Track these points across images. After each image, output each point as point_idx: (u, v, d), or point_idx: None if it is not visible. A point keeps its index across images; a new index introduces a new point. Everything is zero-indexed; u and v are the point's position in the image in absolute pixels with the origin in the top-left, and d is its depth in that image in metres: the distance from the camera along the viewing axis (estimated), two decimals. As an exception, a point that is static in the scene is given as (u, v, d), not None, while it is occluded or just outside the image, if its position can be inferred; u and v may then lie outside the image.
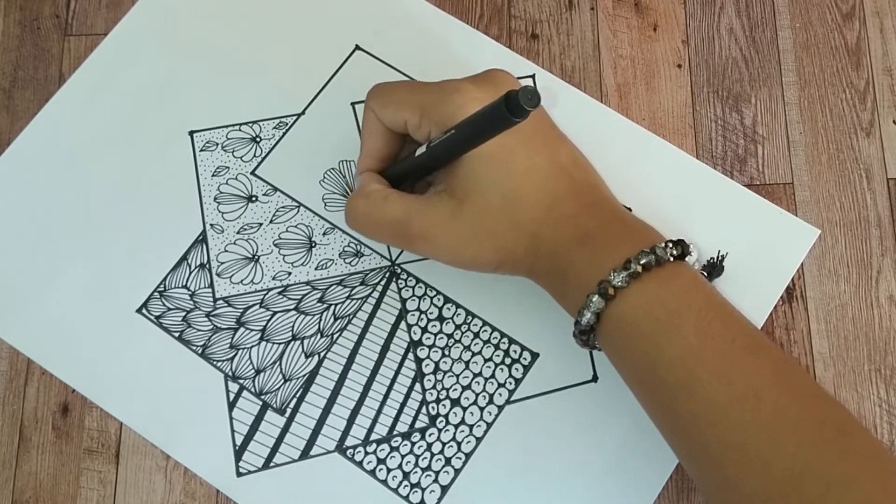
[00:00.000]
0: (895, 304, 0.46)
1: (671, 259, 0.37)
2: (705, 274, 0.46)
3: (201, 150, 0.49)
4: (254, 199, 0.49)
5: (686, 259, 0.38)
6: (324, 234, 0.48)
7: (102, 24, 0.52)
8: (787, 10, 0.51)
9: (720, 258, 0.46)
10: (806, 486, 0.33)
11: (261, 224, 0.48)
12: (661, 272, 0.36)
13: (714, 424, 0.34)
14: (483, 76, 0.41)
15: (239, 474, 0.44)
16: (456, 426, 0.45)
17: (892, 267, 0.47)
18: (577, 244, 0.38)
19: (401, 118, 0.41)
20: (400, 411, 0.45)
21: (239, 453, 0.45)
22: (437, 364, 0.46)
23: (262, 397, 0.45)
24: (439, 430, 0.45)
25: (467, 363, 0.46)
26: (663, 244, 0.37)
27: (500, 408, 0.45)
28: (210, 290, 0.47)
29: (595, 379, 0.45)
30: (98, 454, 0.45)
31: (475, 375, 0.46)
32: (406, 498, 0.44)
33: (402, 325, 0.46)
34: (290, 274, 0.47)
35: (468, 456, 0.44)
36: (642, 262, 0.36)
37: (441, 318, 0.46)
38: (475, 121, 0.36)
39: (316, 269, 0.47)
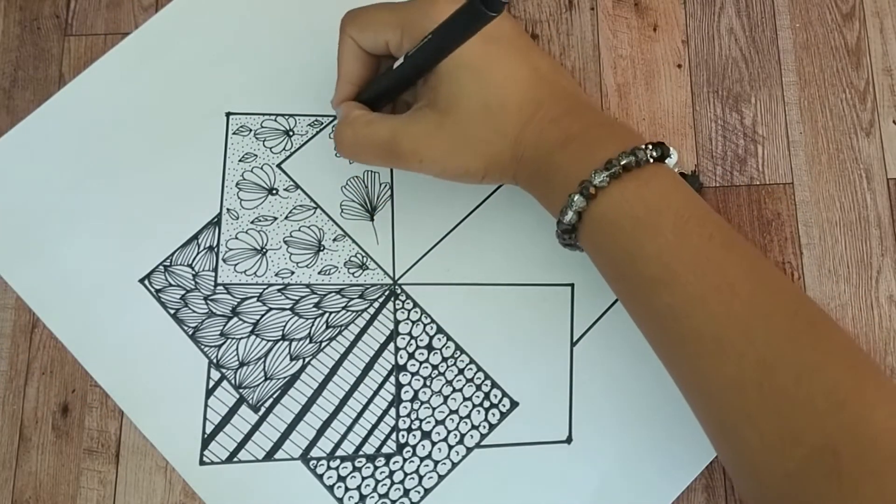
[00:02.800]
0: (895, 304, 0.46)
1: (651, 160, 0.37)
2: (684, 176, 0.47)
3: (234, 133, 0.50)
4: (274, 191, 0.49)
5: (666, 161, 0.39)
6: (334, 239, 0.48)
7: (102, 24, 0.52)
8: (787, 10, 0.51)
9: (696, 172, 0.47)
10: (778, 373, 0.34)
11: (276, 218, 0.48)
12: (642, 173, 0.37)
13: (690, 316, 0.35)
14: None
15: (202, 463, 0.45)
16: (422, 459, 0.45)
17: (892, 267, 0.47)
18: (560, 147, 0.39)
19: (381, 39, 0.42)
20: (370, 433, 0.45)
21: (206, 442, 0.45)
22: (416, 393, 0.45)
23: (241, 391, 0.46)
24: (404, 460, 0.45)
25: (446, 398, 0.45)
26: (643, 146, 0.37)
27: (469, 450, 0.45)
28: (213, 273, 0.47)
29: (569, 440, 0.44)
30: (98, 454, 0.46)
31: (451, 412, 0.45)
32: (359, 520, 0.44)
33: (391, 346, 0.46)
34: (293, 273, 0.47)
35: (427, 492, 0.44)
36: (623, 162, 0.36)
37: (430, 348, 0.46)
38: (452, 21, 0.36)
39: (319, 273, 0.47)
